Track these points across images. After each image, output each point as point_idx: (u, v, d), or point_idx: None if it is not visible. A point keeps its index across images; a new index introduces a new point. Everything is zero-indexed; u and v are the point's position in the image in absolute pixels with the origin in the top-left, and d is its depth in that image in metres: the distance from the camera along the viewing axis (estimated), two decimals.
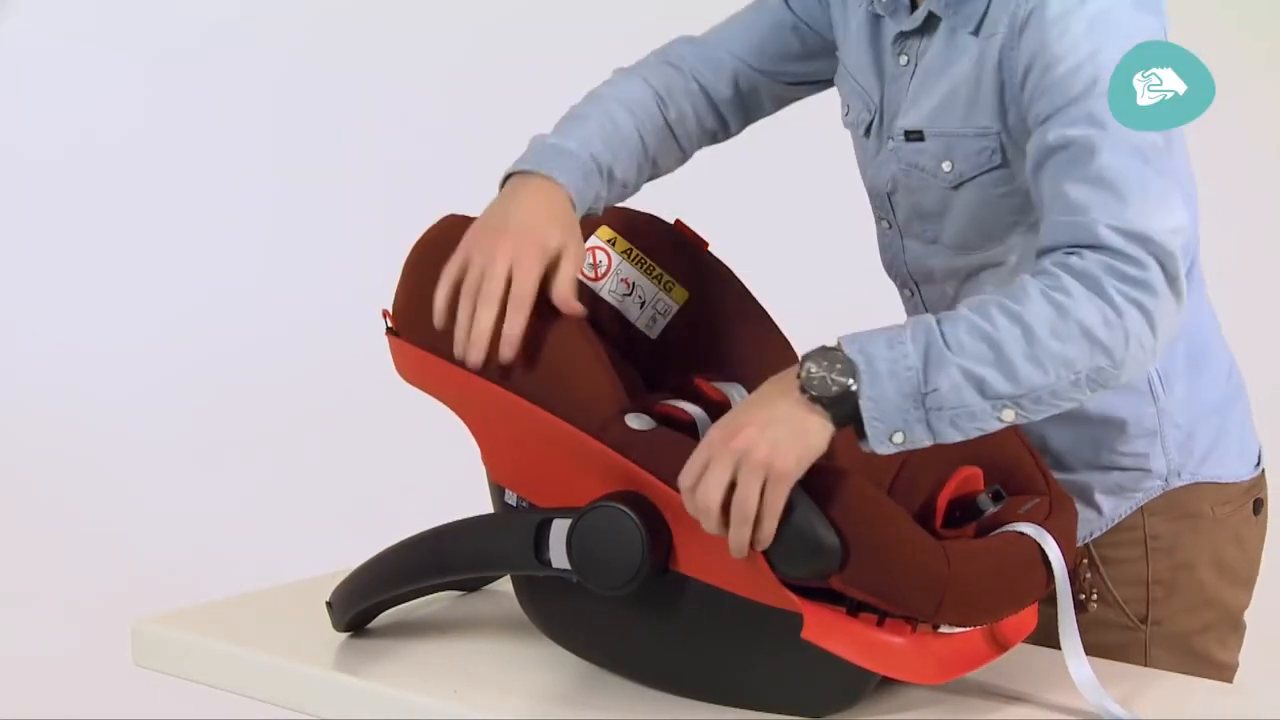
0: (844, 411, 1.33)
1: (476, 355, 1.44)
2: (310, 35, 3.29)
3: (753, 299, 1.67)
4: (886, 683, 1.42)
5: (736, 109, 1.76)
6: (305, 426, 3.23)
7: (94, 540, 3.09)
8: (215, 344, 3.21)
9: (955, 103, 1.55)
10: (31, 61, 3.09)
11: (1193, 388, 1.66)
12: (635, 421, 1.42)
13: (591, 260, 1.65)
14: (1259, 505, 1.71)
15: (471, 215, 1.57)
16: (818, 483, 1.33)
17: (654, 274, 1.66)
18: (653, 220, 1.69)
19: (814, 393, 1.32)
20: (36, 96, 3.10)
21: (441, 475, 2.27)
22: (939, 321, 1.35)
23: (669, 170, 1.73)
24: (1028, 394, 1.34)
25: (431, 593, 1.73)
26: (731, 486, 1.32)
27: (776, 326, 1.66)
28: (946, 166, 1.57)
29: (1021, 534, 1.41)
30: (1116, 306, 1.35)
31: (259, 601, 1.79)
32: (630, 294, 1.65)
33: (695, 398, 1.58)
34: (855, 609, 1.36)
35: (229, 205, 3.23)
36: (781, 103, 1.79)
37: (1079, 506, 1.62)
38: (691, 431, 1.53)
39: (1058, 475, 1.62)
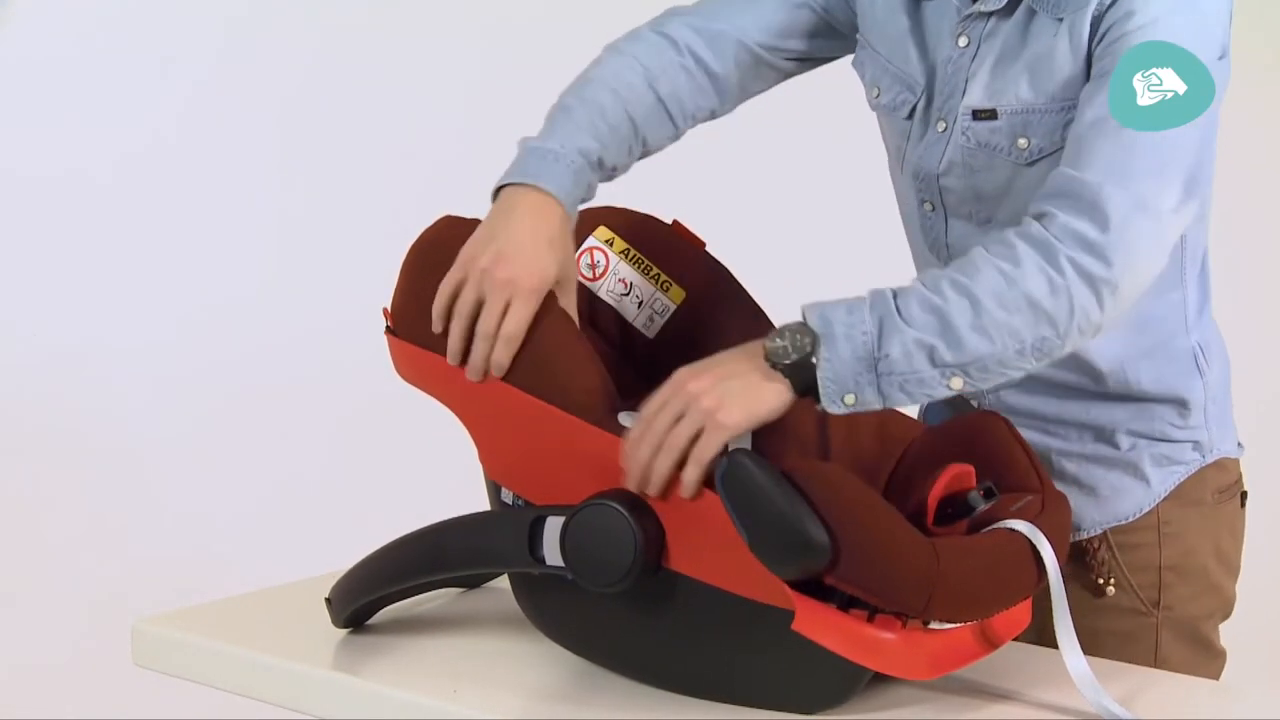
0: (803, 379, 1.40)
1: (470, 379, 1.49)
2: (310, 37, 3.30)
3: (750, 299, 1.67)
4: (878, 680, 1.42)
5: (734, 86, 1.73)
6: (304, 426, 3.23)
7: (94, 540, 3.08)
8: (214, 344, 3.20)
9: (1037, 79, 1.55)
10: (31, 66, 3.10)
11: (1221, 363, 1.71)
12: (629, 420, 1.43)
13: (589, 260, 1.66)
14: (1244, 498, 1.75)
15: (468, 217, 1.58)
16: (809, 480, 1.34)
17: (651, 274, 1.66)
18: (650, 221, 1.69)
19: (775, 360, 1.40)
20: (38, 102, 3.11)
21: (440, 474, 2.27)
22: (895, 294, 1.41)
23: (660, 148, 1.71)
24: (974, 362, 1.40)
25: (431, 589, 1.73)
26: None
27: (774, 326, 1.67)
28: (1023, 143, 1.57)
29: (1013, 531, 1.42)
30: (1066, 276, 1.40)
31: (259, 601, 1.79)
32: (628, 294, 1.65)
33: None
34: (846, 605, 1.37)
35: (228, 207, 3.23)
36: (779, 79, 1.77)
37: (1129, 481, 1.67)
38: None
39: (1109, 454, 1.66)
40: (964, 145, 1.62)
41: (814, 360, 1.39)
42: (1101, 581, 1.67)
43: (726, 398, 1.39)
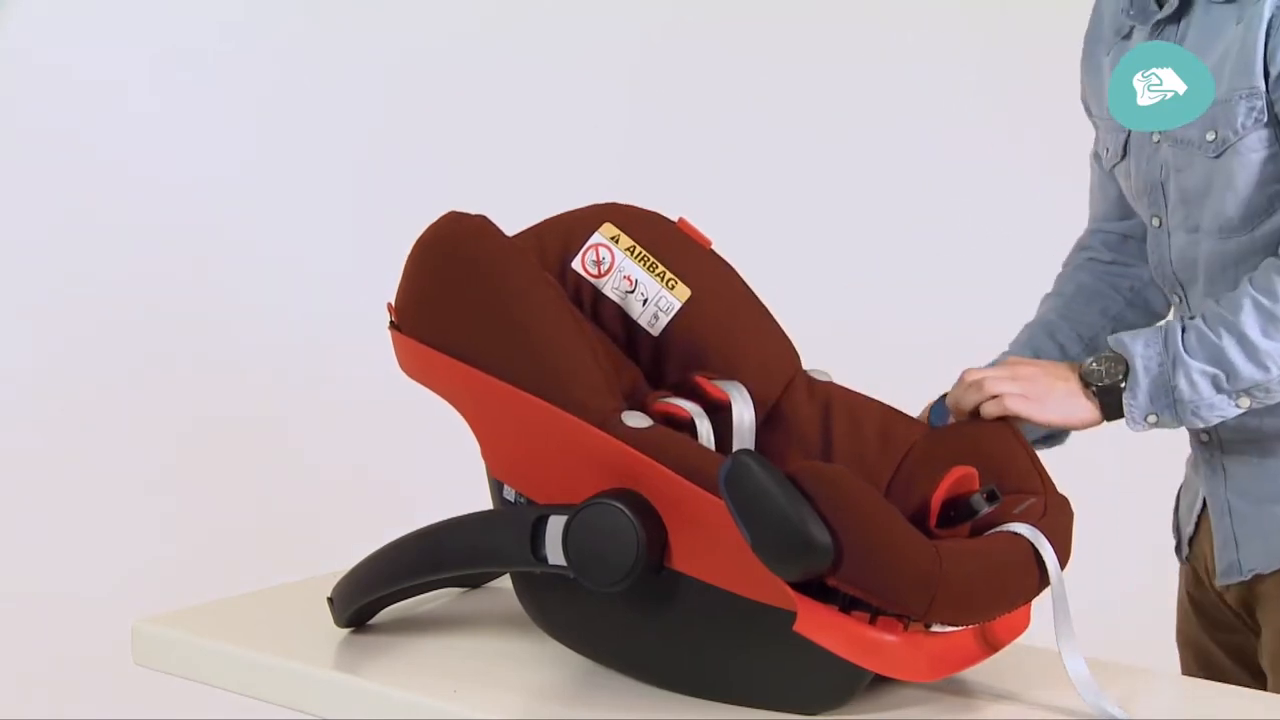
0: (1111, 399, 1.59)
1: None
2: (312, 35, 3.29)
3: (755, 297, 1.67)
4: (878, 682, 1.42)
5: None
6: (305, 424, 3.22)
7: (94, 540, 3.08)
8: (214, 342, 3.20)
9: (1221, 70, 1.61)
10: (31, 60, 3.10)
11: None
12: (632, 420, 1.43)
13: (595, 257, 1.66)
14: None
15: (472, 213, 1.58)
16: (812, 481, 1.33)
17: (657, 271, 1.66)
18: (656, 218, 1.69)
19: (1089, 381, 1.59)
20: (36, 95, 3.11)
21: (442, 472, 2.27)
22: (1182, 329, 1.58)
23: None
24: (1255, 386, 1.56)
25: (433, 589, 1.73)
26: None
27: (779, 325, 1.67)
28: (1210, 135, 1.63)
29: (1015, 534, 1.41)
30: None
31: (259, 601, 1.79)
32: (633, 291, 1.65)
33: (696, 395, 1.58)
34: (848, 606, 1.37)
35: (230, 204, 3.23)
36: None
37: None
38: (689, 429, 1.54)
39: None
40: (1170, 144, 1.69)
41: (1122, 385, 1.57)
42: None
43: (1049, 393, 1.58)
